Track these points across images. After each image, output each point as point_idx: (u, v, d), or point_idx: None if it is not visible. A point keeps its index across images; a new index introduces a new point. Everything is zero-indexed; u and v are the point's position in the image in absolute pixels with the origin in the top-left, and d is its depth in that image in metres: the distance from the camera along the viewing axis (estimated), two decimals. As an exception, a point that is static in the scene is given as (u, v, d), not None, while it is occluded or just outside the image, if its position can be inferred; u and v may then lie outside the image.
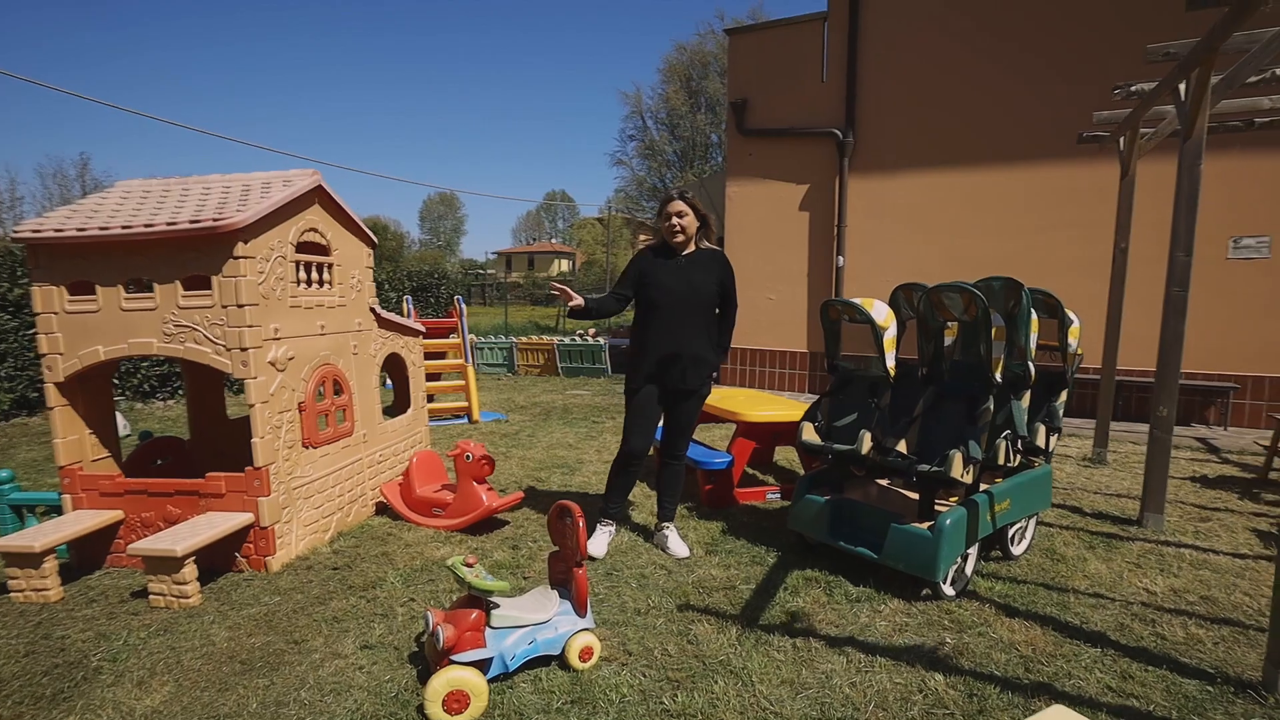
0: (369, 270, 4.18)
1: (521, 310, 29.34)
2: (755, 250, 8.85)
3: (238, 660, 2.50)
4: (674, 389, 3.44)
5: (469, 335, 11.08)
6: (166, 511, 3.29)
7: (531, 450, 5.72)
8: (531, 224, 63.63)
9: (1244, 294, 6.49)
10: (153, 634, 2.69)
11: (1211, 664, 2.49)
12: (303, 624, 2.75)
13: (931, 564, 2.88)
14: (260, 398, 3.20)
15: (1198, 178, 3.62)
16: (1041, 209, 7.21)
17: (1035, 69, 7.13)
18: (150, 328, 3.20)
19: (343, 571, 3.25)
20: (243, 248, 3.10)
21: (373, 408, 4.14)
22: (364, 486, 4.02)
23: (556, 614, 2.48)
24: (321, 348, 3.66)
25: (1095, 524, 3.96)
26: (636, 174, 28.73)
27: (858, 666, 2.45)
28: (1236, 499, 4.44)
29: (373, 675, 2.41)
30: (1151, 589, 3.11)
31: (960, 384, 3.32)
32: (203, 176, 3.71)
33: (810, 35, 8.28)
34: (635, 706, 2.22)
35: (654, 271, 3.39)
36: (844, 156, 8.10)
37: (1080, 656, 2.52)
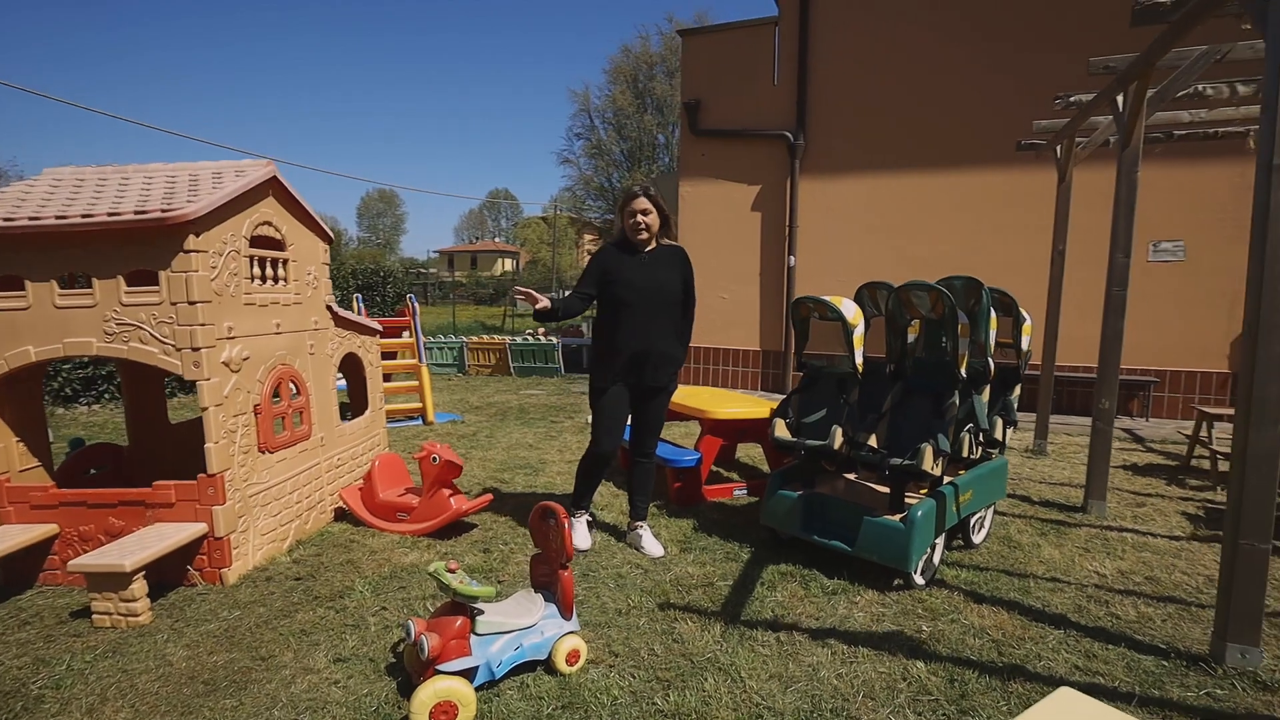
0: (325, 266, 4.00)
1: (466, 310, 28.76)
2: (708, 249, 8.93)
3: (199, 681, 2.34)
4: (643, 387, 3.41)
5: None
6: (108, 524, 3.05)
7: (491, 451, 5.60)
8: (474, 222, 62.44)
9: (1162, 294, 6.96)
10: (100, 656, 2.49)
11: (1163, 640, 2.65)
12: (268, 639, 2.60)
13: (904, 555, 2.96)
14: (214, 400, 3.01)
15: (1135, 184, 3.86)
16: (984, 212, 7.54)
17: (980, 77, 7.46)
18: (89, 326, 2.97)
19: (306, 582, 3.09)
20: (194, 241, 2.92)
21: (330, 410, 3.96)
22: (323, 492, 3.84)
23: (542, 618, 2.43)
24: (277, 347, 3.48)
25: (1044, 512, 4.16)
26: (584, 173, 28.65)
27: (842, 658, 2.49)
28: (1165, 485, 4.75)
29: (349, 690, 2.30)
30: (1101, 571, 3.29)
31: (926, 380, 3.43)
32: (143, 165, 3.47)
33: (762, 39, 8.42)
34: (628, 708, 2.20)
35: (618, 269, 3.34)
36: (795, 158, 8.26)
37: (1046, 638, 2.64)
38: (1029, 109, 6.16)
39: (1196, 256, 6.92)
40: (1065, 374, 7.12)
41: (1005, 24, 7.35)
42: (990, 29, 7.41)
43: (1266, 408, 2.33)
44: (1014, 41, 7.33)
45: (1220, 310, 6.85)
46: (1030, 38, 7.25)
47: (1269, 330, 2.32)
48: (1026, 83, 7.02)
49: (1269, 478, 2.35)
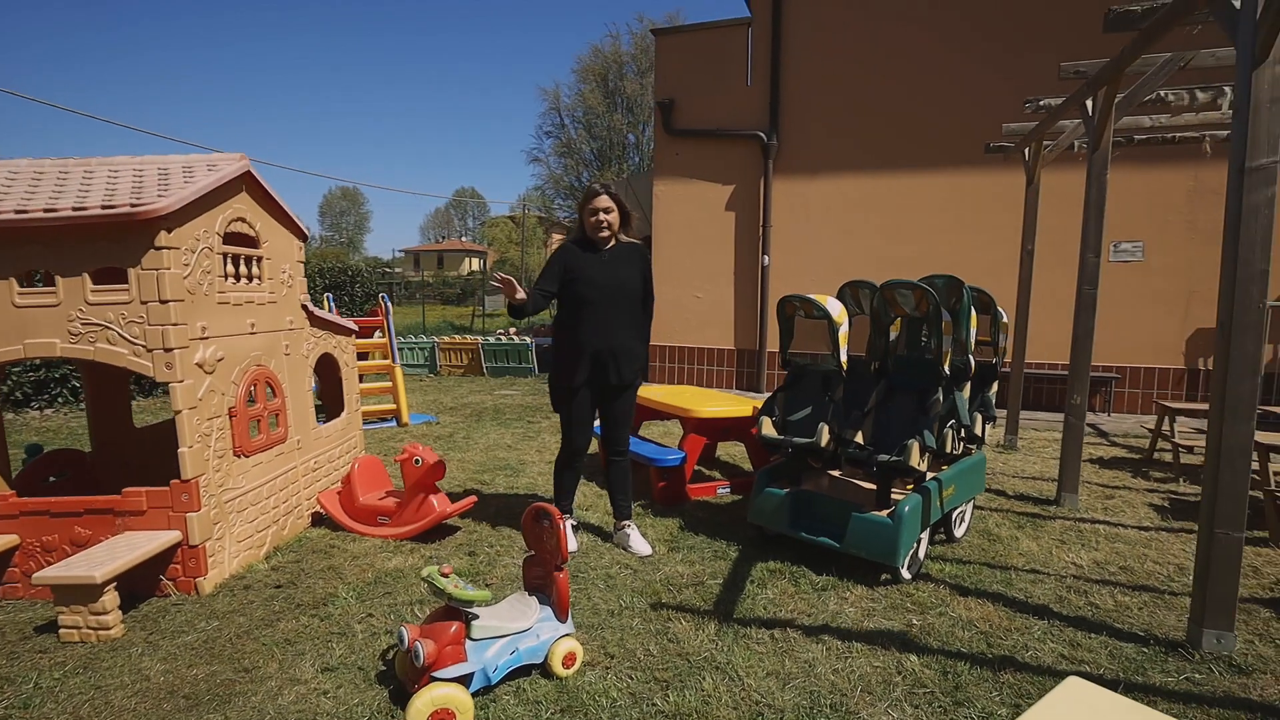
0: (300, 264, 3.89)
1: (434, 310, 28.32)
2: (682, 249, 8.96)
3: (180, 695, 2.24)
4: (608, 384, 3.40)
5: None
6: (74, 534, 2.91)
7: (469, 452, 5.51)
8: (440, 221, 61.50)
9: (1122, 293, 7.20)
10: (70, 673, 2.37)
11: (1141, 627, 2.73)
12: (250, 649, 2.51)
13: (893, 550, 3.00)
14: (188, 403, 2.89)
15: (1104, 185, 3.98)
16: (955, 213, 7.70)
17: (951, 81, 7.61)
18: (52, 327, 2.83)
19: (287, 589, 3.00)
20: (166, 237, 2.80)
21: (306, 412, 3.85)
22: (299, 496, 3.73)
23: (538, 621, 2.39)
24: (252, 348, 3.36)
25: (1020, 505, 4.26)
26: (554, 172, 28.44)
27: (837, 653, 2.51)
28: (1130, 477, 4.91)
29: (339, 700, 2.23)
30: (1078, 562, 3.38)
31: (909, 377, 3.48)
32: (106, 158, 3.32)
33: (735, 39, 8.46)
34: (628, 710, 2.18)
35: (580, 267, 3.33)
36: (768, 159, 8.33)
37: (1032, 629, 2.70)
38: (999, 112, 6.32)
39: (1154, 257, 7.17)
40: (1032, 371, 7.33)
41: (975, 28, 7.52)
42: (961, 32, 7.57)
43: (1239, 404, 2.42)
44: (984, 45, 7.50)
45: (1177, 309, 7.12)
46: (1001, 42, 7.43)
47: (1241, 329, 2.41)
48: (996, 86, 7.20)
49: (1242, 471, 2.44)
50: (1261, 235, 2.38)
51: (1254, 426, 2.44)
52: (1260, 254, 2.38)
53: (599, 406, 3.48)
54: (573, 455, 3.49)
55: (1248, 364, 2.41)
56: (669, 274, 9.03)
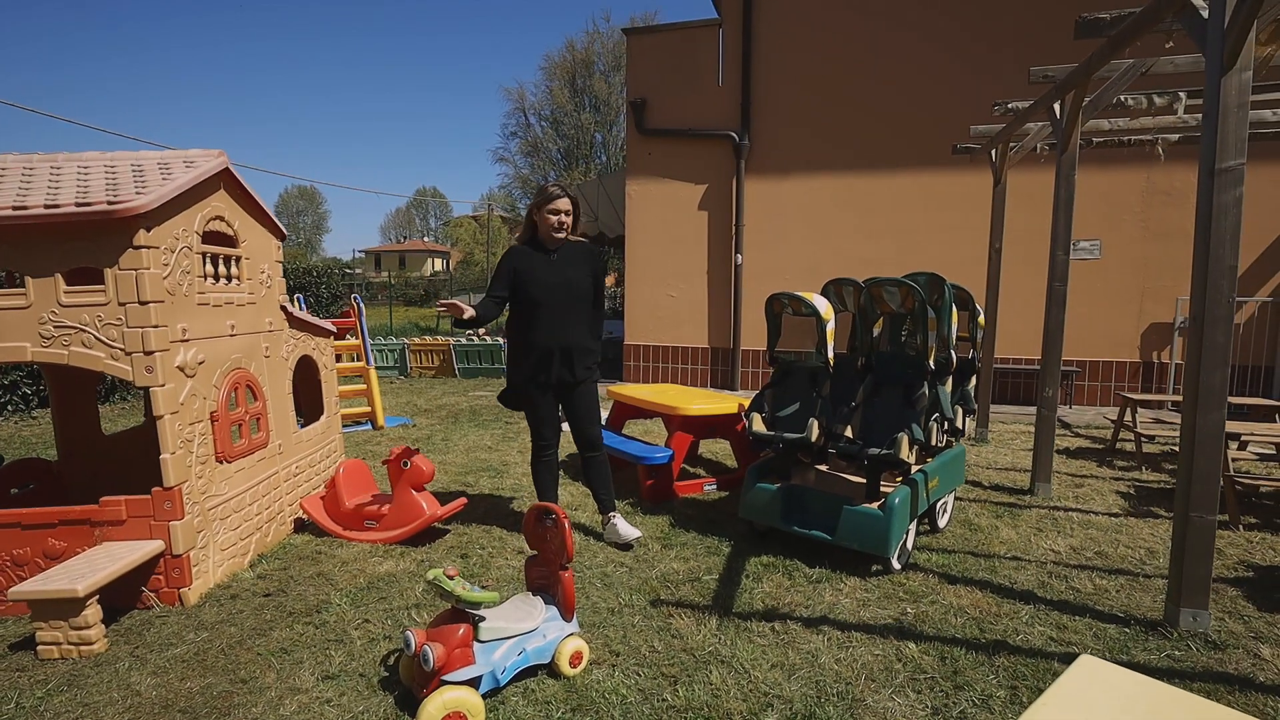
0: (279, 265, 3.79)
1: (398, 311, 27.80)
2: (656, 248, 8.98)
3: (176, 709, 2.17)
4: (563, 382, 3.45)
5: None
6: (47, 546, 2.79)
7: (450, 454, 5.44)
8: (401, 221, 60.35)
9: (1081, 290, 7.47)
10: (53, 691, 2.27)
11: (1120, 609, 2.85)
12: (245, 660, 2.44)
13: (884, 541, 3.07)
14: (170, 408, 2.79)
15: (1073, 185, 4.13)
16: (924, 212, 7.90)
17: (919, 82, 7.79)
18: (23, 330, 2.70)
19: (277, 597, 2.92)
20: (145, 236, 2.70)
21: (287, 416, 3.75)
22: (282, 502, 3.63)
23: (544, 621, 2.38)
24: (233, 350, 3.27)
25: (996, 495, 4.40)
26: (520, 171, 28.20)
27: (837, 643, 2.56)
28: (1096, 467, 5.11)
29: (344, 708, 2.19)
30: (1056, 549, 3.51)
31: (894, 372, 3.56)
32: (74, 153, 3.19)
33: (706, 40, 8.52)
34: (639, 707, 2.19)
35: (530, 268, 3.38)
36: (740, 158, 8.42)
37: (1019, 614, 2.80)
38: (967, 114, 6.50)
39: (1110, 255, 7.47)
40: (1000, 365, 7.56)
41: (945, 27, 7.71)
42: (929, 35, 7.76)
43: (1211, 393, 2.55)
44: (954, 45, 7.70)
45: (1132, 304, 7.44)
46: (970, 43, 7.64)
47: (1213, 322, 2.53)
48: (965, 87, 7.40)
49: (1214, 457, 2.57)
50: (1231, 233, 2.51)
51: (1225, 415, 2.57)
52: (1230, 251, 2.51)
53: (562, 405, 3.54)
54: (541, 450, 3.54)
55: (1219, 355, 2.53)
56: (643, 273, 9.06)
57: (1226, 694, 2.23)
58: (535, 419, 3.51)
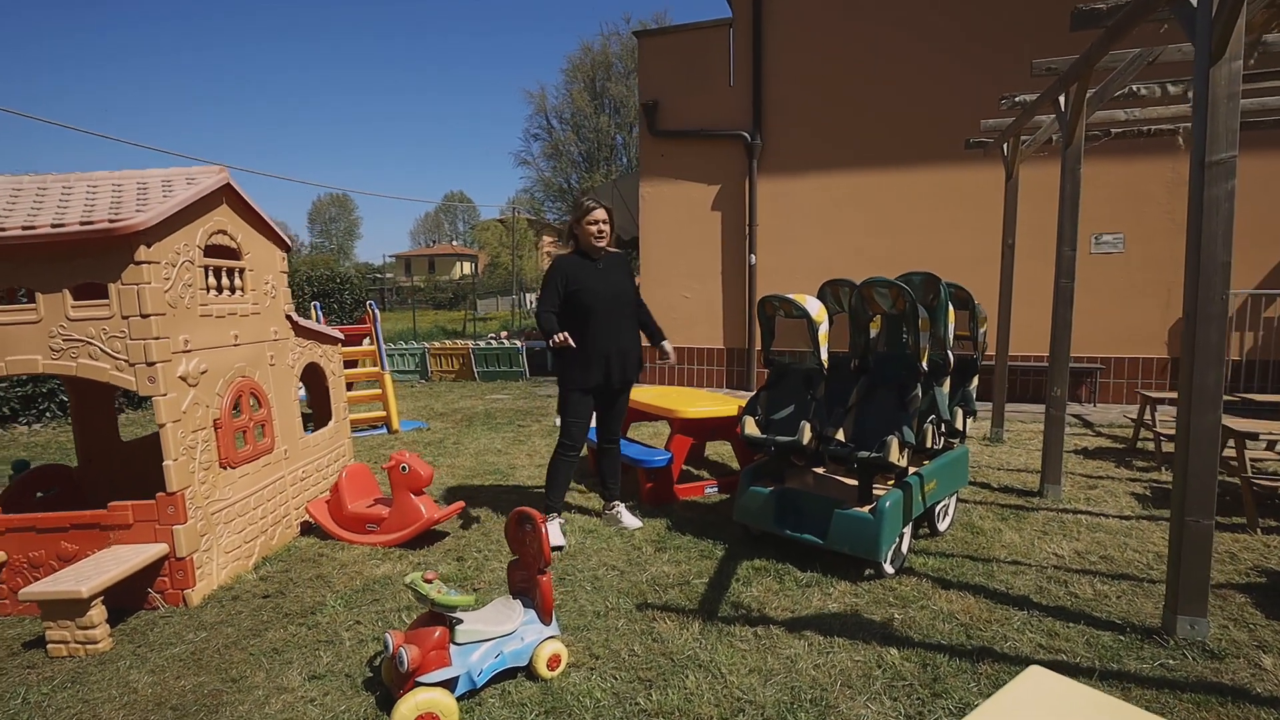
0: (283, 275, 3.91)
1: (425, 315, 28.27)
2: (669, 249, 8.99)
3: (167, 707, 2.26)
4: (615, 385, 3.67)
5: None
6: (60, 549, 2.93)
7: (459, 458, 5.53)
8: (430, 226, 61.38)
9: (1104, 285, 7.28)
10: (58, 687, 2.39)
11: (1119, 615, 2.78)
12: (238, 659, 2.53)
13: (875, 545, 3.04)
14: (172, 416, 2.91)
15: (1078, 180, 4.03)
16: (937, 208, 7.76)
17: (931, 78, 7.67)
18: (34, 343, 2.84)
19: (275, 599, 3.02)
20: (145, 251, 2.82)
21: (293, 422, 3.87)
22: (288, 506, 3.75)
23: (522, 624, 2.42)
24: (236, 359, 3.38)
25: (1003, 497, 4.31)
26: (542, 174, 28.43)
27: (818, 648, 2.55)
28: (1114, 467, 4.97)
29: (326, 707, 2.25)
30: (1059, 553, 3.43)
31: (889, 373, 3.52)
32: (85, 173, 3.33)
33: (717, 40, 8.50)
34: (611, 710, 2.21)
35: (581, 277, 3.57)
36: (753, 158, 8.38)
37: (1011, 620, 2.75)
38: (979, 108, 6.36)
39: (1134, 248, 7.24)
40: (1017, 363, 7.39)
41: (955, 24, 7.58)
42: (940, 31, 7.63)
43: (1205, 393, 2.47)
44: (965, 42, 7.56)
45: (1158, 299, 7.20)
46: (981, 38, 7.49)
47: (1206, 320, 2.46)
48: (976, 83, 7.25)
49: (1210, 458, 2.49)
50: (1223, 228, 2.43)
51: (1220, 414, 2.48)
52: (1222, 246, 2.43)
53: (599, 405, 3.74)
54: (567, 449, 3.66)
55: (1212, 353, 2.45)
56: (657, 275, 9.07)
57: (1218, 705, 2.16)
58: (572, 419, 3.62)
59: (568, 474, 3.71)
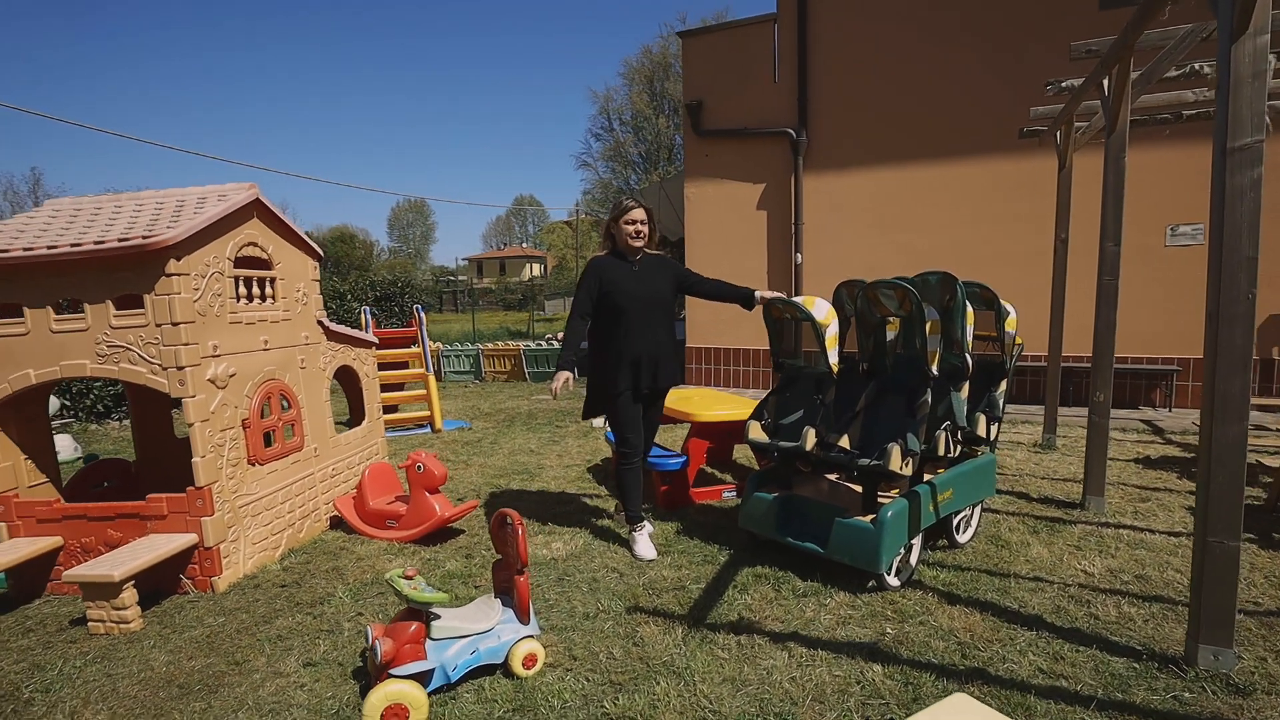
0: (315, 283, 4.14)
1: (494, 315, 29.14)
2: (715, 249, 8.92)
3: (175, 684, 2.46)
4: (650, 389, 3.57)
5: (435, 343, 10.99)
6: (107, 536, 3.22)
7: (493, 457, 5.70)
8: (501, 229, 63.23)
9: (1182, 279, 6.70)
10: (89, 662, 2.63)
11: (1140, 641, 2.57)
12: (245, 644, 2.71)
13: (874, 556, 2.94)
14: (200, 416, 3.15)
15: (1123, 170, 3.74)
16: (990, 201, 7.38)
17: (983, 65, 7.29)
18: (83, 349, 3.14)
19: (290, 589, 3.21)
20: (175, 265, 3.06)
21: (324, 421, 4.09)
22: (317, 501, 3.97)
23: (499, 623, 2.48)
24: (266, 363, 3.61)
25: (1040, 509, 4.06)
26: (602, 177, 28.76)
27: (799, 661, 2.49)
28: (1176, 479, 4.58)
29: (314, 693, 2.38)
30: (1089, 570, 3.20)
31: (902, 378, 3.38)
32: (136, 193, 3.64)
33: (761, 36, 8.37)
34: (576, 711, 2.24)
35: (615, 279, 3.48)
36: (798, 155, 8.20)
37: (1016, 640, 2.59)
38: (1033, 95, 6.00)
39: (1219, 239, 6.64)
40: (1075, 365, 6.92)
41: (1007, 10, 7.17)
42: (992, 15, 7.24)
43: (1230, 401, 2.25)
44: (1017, 27, 7.15)
45: (1246, 294, 6.57)
46: (1032, 23, 7.06)
47: (1229, 321, 2.25)
48: (1030, 69, 6.83)
49: (1235, 473, 2.27)
50: (1248, 220, 2.21)
51: (1247, 426, 2.26)
52: (1247, 240, 2.22)
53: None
54: (627, 457, 3.59)
55: (1238, 358, 2.24)
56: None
57: (1230, 745, 1.98)
58: (621, 423, 3.56)
59: (634, 482, 3.59)
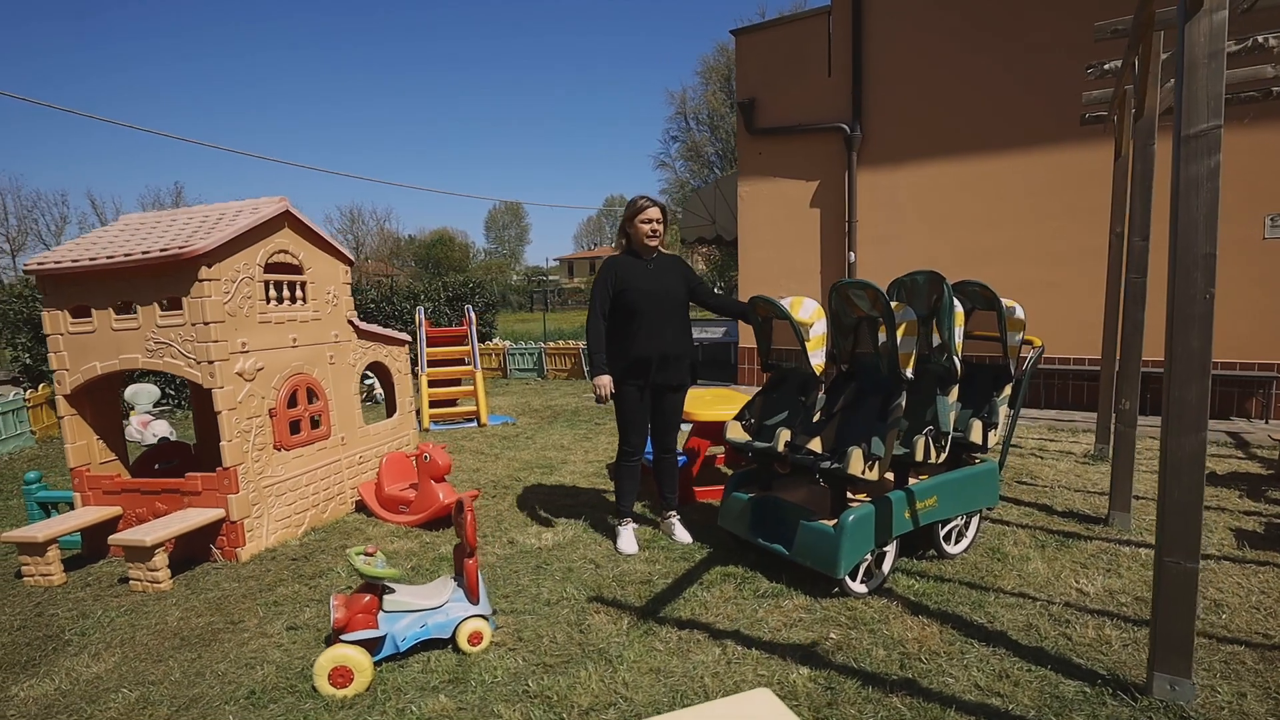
0: (346, 285, 4.52)
1: (580, 314, 29.87)
2: (768, 249, 8.82)
3: (179, 636, 2.82)
4: (660, 386, 3.59)
5: (504, 342, 11.50)
6: (155, 508, 3.70)
7: (523, 452, 5.96)
8: (592, 229, 64.62)
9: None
10: (121, 614, 3.06)
11: (1107, 667, 2.40)
12: (246, 607, 3.06)
13: (833, 560, 2.89)
14: (227, 405, 3.56)
15: (1150, 158, 3.45)
16: (1051, 195, 6.86)
17: (1043, 53, 6.80)
18: (136, 345, 3.62)
19: (300, 562, 3.56)
20: (206, 271, 3.47)
21: (352, 412, 4.47)
22: (343, 485, 4.35)
23: (449, 601, 2.67)
24: (294, 359, 4.01)
25: (1060, 522, 3.80)
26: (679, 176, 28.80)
27: (730, 658, 2.51)
28: (1237, 497, 4.13)
29: (289, 653, 2.67)
30: (1085, 589, 2.99)
31: (885, 380, 3.29)
32: (192, 207, 4.14)
33: (815, 30, 8.19)
34: (501, 687, 2.38)
35: (629, 277, 3.55)
36: (852, 151, 7.96)
37: (966, 655, 2.49)
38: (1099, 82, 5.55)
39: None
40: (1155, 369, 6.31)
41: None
42: (1051, 3, 6.73)
43: (1187, 411, 2.08)
44: (1081, 13, 6.60)
45: (1363, 292, 5.76)
46: (1096, 8, 6.50)
47: (1184, 323, 2.07)
48: (1092, 55, 6.31)
49: (1192, 489, 2.09)
50: (1205, 212, 2.03)
51: (1205, 436, 2.08)
52: (1204, 235, 2.04)
53: (651, 407, 3.66)
54: (626, 455, 3.65)
55: (1194, 364, 2.06)
56: (756, 275, 8.93)
57: (1155, 779, 1.84)
58: (624, 420, 3.60)
59: (630, 480, 3.67)
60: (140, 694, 2.43)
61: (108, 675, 2.56)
